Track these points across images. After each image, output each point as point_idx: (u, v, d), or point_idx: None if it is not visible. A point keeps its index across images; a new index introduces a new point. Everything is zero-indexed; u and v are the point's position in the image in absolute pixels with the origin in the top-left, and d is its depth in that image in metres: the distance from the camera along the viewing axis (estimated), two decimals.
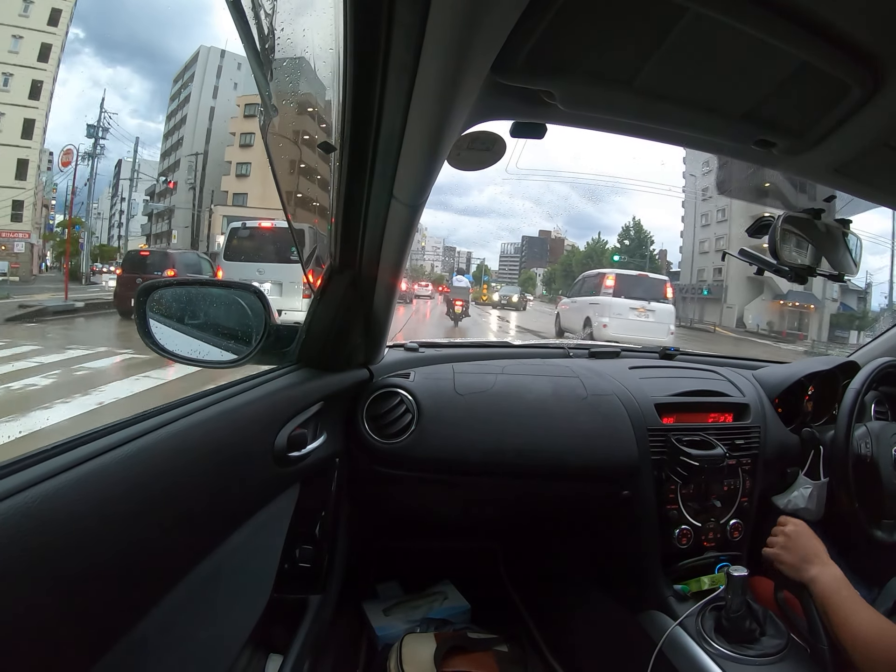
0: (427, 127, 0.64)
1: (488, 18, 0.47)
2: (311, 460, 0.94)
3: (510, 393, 1.26)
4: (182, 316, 0.93)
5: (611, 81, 0.65)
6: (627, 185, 57.72)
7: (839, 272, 1.02)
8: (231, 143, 34.86)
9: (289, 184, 0.95)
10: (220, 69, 40.24)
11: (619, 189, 55.87)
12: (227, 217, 26.18)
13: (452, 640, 1.34)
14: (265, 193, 28.73)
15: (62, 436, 0.53)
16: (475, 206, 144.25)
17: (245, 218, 18.54)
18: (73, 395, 4.90)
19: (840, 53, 0.57)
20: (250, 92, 31.32)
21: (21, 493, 0.42)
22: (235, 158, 34.13)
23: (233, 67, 38.33)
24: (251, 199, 31.54)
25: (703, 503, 1.24)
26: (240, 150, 34.08)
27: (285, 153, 0.86)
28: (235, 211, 28.94)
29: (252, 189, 32.10)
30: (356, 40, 0.52)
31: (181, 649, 0.62)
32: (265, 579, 0.86)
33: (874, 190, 0.94)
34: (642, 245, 37.32)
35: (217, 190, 34.71)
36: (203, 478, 0.66)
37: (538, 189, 48.71)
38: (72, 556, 0.46)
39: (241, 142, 34.11)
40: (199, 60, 40.83)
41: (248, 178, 33.14)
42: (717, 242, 29.93)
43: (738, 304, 29.32)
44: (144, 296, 0.86)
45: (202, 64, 40.53)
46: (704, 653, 1.02)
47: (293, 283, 7.56)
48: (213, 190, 35.13)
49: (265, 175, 28.01)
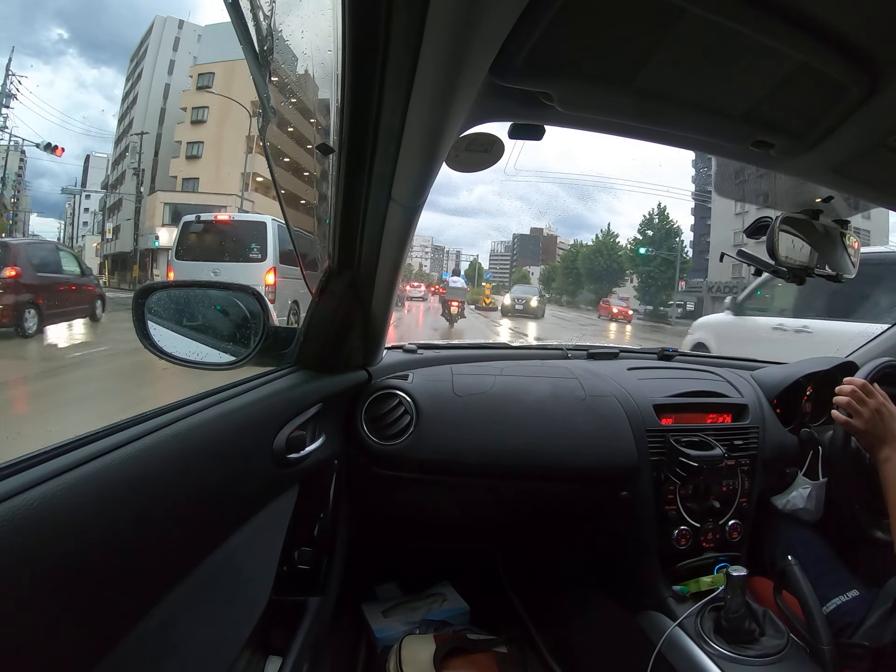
0: (425, 128, 0.64)
1: (486, 20, 0.47)
2: (310, 462, 0.94)
3: (509, 394, 1.26)
4: (180, 318, 0.93)
5: (609, 83, 0.65)
6: (617, 184, 57.30)
7: (837, 273, 1.03)
8: (182, 119, 29.35)
9: (287, 185, 0.95)
10: (177, 41, 33.93)
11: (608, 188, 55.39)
12: (170, 205, 24.56)
13: (452, 641, 1.33)
14: (218, 177, 25.93)
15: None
16: (464, 205, 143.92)
17: (192, 207, 16.54)
18: None
19: (838, 55, 0.57)
20: (205, 61, 28.62)
21: (20, 495, 0.42)
22: (186, 137, 28.67)
23: (192, 39, 32.71)
24: (203, 184, 27.08)
25: (702, 504, 1.24)
26: (191, 127, 28.66)
27: (284, 154, 0.86)
28: (182, 198, 25.22)
29: (204, 172, 27.40)
30: (355, 42, 0.52)
31: (180, 651, 0.62)
32: (264, 581, 0.86)
33: (872, 190, 0.95)
34: (669, 236, 31.98)
35: (165, 175, 29.46)
36: (202, 479, 0.66)
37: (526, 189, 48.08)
38: (71, 558, 0.45)
39: (192, 117, 28.68)
40: (154, 32, 34.41)
41: (199, 161, 28.07)
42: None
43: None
44: (143, 297, 0.86)
45: (157, 36, 34.18)
46: (704, 653, 1.02)
47: (254, 285, 7.18)
48: (157, 174, 30.08)
49: (219, 155, 26.68)
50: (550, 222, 70.18)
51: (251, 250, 7.51)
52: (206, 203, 21.20)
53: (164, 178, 29.25)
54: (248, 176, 25.31)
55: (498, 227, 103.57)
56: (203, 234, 8.11)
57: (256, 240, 7.54)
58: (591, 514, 1.39)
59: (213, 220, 8.19)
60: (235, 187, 24.42)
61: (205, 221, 8.13)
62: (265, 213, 8.82)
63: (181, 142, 28.91)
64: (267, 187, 25.89)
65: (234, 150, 25.72)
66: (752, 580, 1.13)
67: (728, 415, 1.34)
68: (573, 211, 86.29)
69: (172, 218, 22.35)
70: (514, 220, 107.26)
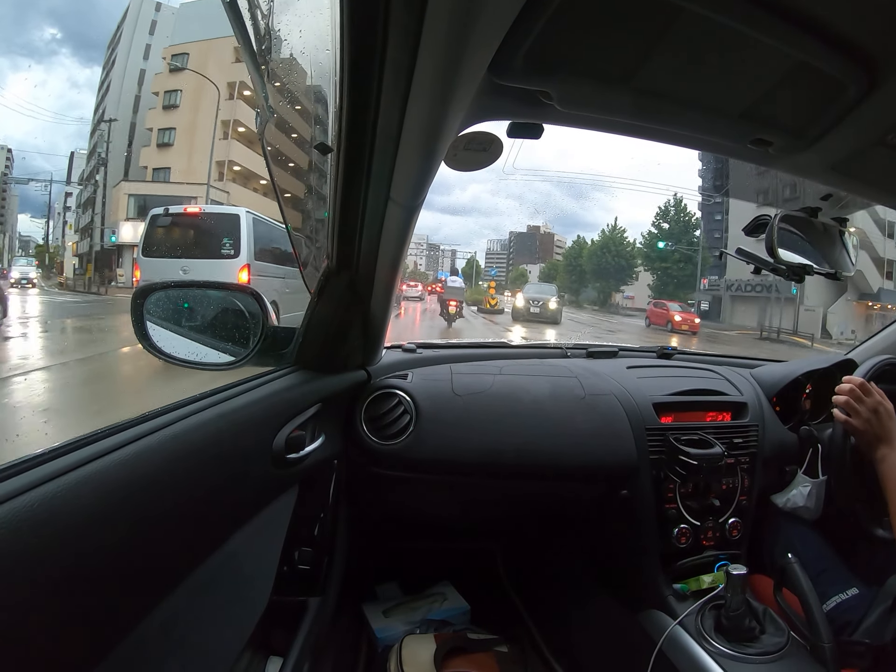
0: (424, 127, 0.64)
1: (485, 18, 0.47)
2: (310, 462, 0.94)
3: (508, 393, 1.25)
4: (179, 318, 0.93)
5: (608, 81, 0.65)
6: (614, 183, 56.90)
7: (836, 271, 1.03)
8: (154, 105, 26.69)
9: (285, 185, 0.95)
10: (153, 25, 30.96)
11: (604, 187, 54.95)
12: (135, 197, 22.54)
13: (452, 641, 1.34)
14: (191, 166, 23.51)
15: None
16: (458, 204, 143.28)
17: (160, 199, 15.01)
18: None
19: (836, 53, 0.57)
20: (181, 41, 26.47)
21: (20, 497, 0.42)
22: (158, 124, 26.11)
23: (169, 22, 29.38)
24: (175, 173, 24.73)
25: (702, 502, 1.24)
26: (163, 112, 26.06)
27: (282, 154, 0.86)
28: (149, 189, 23.15)
29: (176, 161, 24.82)
30: (353, 41, 0.52)
31: (181, 652, 0.62)
32: (264, 581, 0.86)
33: (871, 188, 0.95)
34: (688, 229, 29.43)
35: (136, 165, 26.88)
36: (201, 480, 0.66)
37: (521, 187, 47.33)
38: (71, 560, 0.45)
39: (164, 102, 26.05)
40: (129, 15, 31.52)
41: (171, 149, 25.48)
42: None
43: (818, 305, 21.88)
44: (142, 298, 0.86)
45: (132, 20, 31.24)
46: (704, 651, 1.02)
47: None
48: (123, 165, 27.11)
49: (192, 143, 24.24)
50: (546, 220, 69.75)
51: (223, 246, 6.89)
52: (177, 194, 19.82)
53: (135, 168, 26.78)
54: (224, 164, 23.92)
55: (492, 226, 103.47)
56: (172, 229, 7.45)
57: (229, 234, 6.91)
58: (590, 513, 1.39)
59: (182, 213, 7.43)
60: (205, 175, 22.37)
61: (173, 214, 7.40)
62: (242, 206, 8.24)
63: (152, 129, 26.47)
64: (246, 177, 24.57)
65: (209, 137, 23.43)
66: (753, 578, 1.13)
67: (727, 413, 1.34)
68: (568, 209, 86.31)
69: (139, 211, 21.06)
70: (508, 218, 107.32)
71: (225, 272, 6.35)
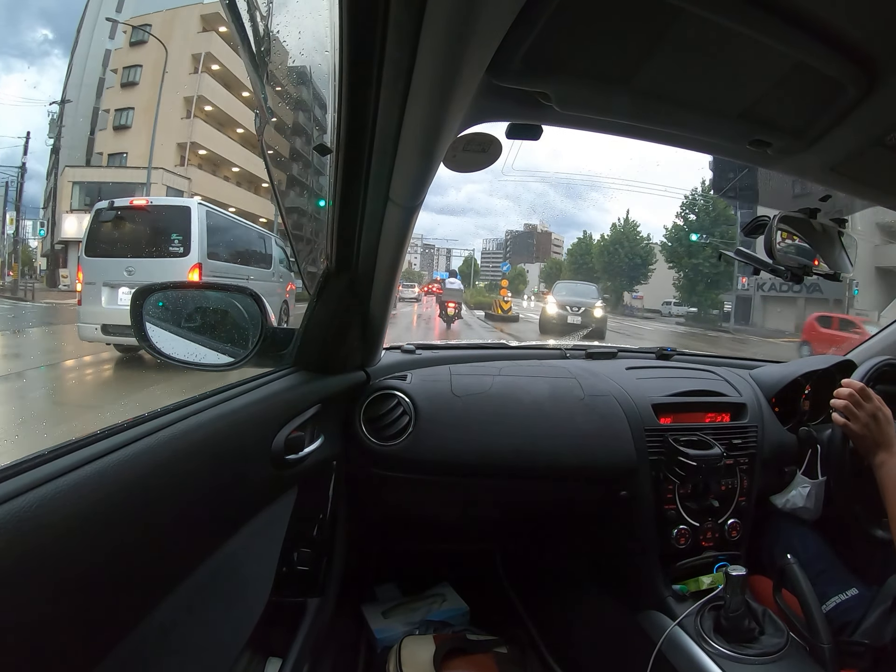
0: (423, 129, 0.64)
1: (484, 20, 0.47)
2: (309, 463, 0.94)
3: (507, 394, 1.25)
4: (179, 319, 0.93)
5: (606, 82, 0.65)
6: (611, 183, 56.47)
7: (835, 271, 1.03)
8: (112, 83, 22.72)
9: (284, 185, 0.95)
10: (121, 2, 24.93)
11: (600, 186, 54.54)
12: (80, 185, 19.45)
13: (452, 641, 1.33)
14: (148, 150, 19.62)
15: None
16: (453, 204, 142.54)
17: (113, 188, 14.05)
18: None
19: (835, 53, 0.57)
20: (143, 12, 22.42)
21: (19, 497, 0.42)
22: (115, 104, 22.14)
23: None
24: (133, 158, 20.82)
25: (701, 503, 1.24)
26: (121, 91, 22.17)
27: (281, 155, 0.86)
28: (100, 175, 19.84)
29: (134, 145, 20.68)
30: (352, 42, 0.52)
31: (180, 653, 0.62)
32: (263, 582, 0.86)
33: (870, 189, 0.95)
34: (718, 221, 24.75)
35: (92, 151, 22.88)
36: (201, 481, 0.66)
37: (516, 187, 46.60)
38: (70, 561, 0.45)
39: (123, 79, 22.21)
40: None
41: (129, 131, 21.54)
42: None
43: (870, 308, 16.73)
44: (141, 299, 0.86)
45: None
46: (704, 652, 1.02)
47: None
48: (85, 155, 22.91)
49: (152, 124, 20.32)
50: (541, 219, 69.45)
51: (172, 243, 6.08)
52: (130, 181, 17.62)
53: (94, 157, 22.96)
54: (186, 147, 21.05)
55: (487, 226, 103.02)
56: (117, 224, 6.44)
57: (178, 230, 6.06)
58: (590, 514, 1.39)
59: (128, 207, 6.49)
60: (170, 161, 20.16)
61: (119, 208, 6.41)
62: (209, 196, 7.67)
63: (109, 110, 22.42)
64: (215, 164, 22.26)
65: (171, 117, 20.77)
66: (752, 579, 1.13)
67: (727, 414, 1.34)
68: (563, 209, 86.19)
69: (86, 200, 17.94)
70: (503, 218, 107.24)
71: (173, 273, 5.56)
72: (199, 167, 21.58)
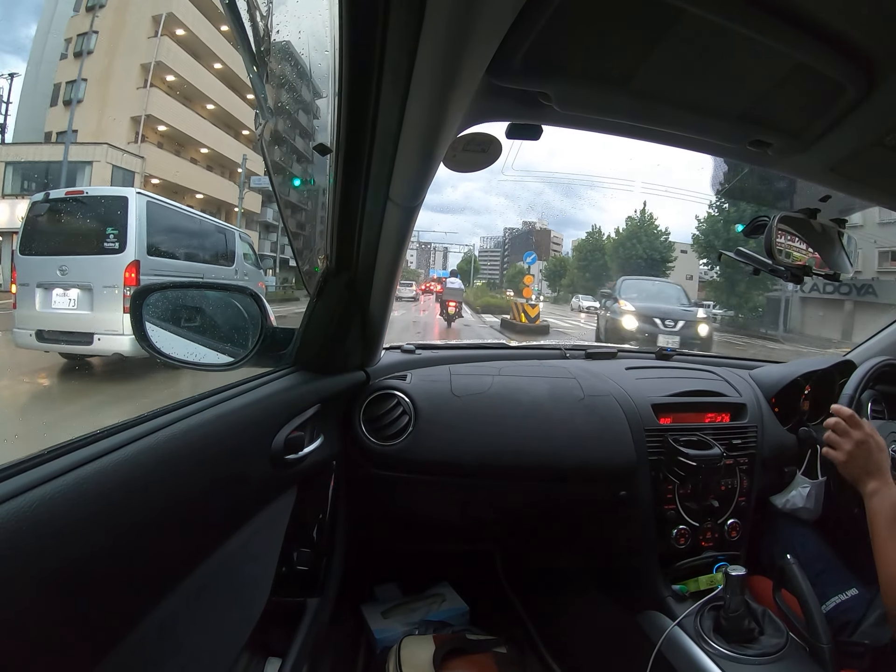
0: (423, 129, 0.64)
1: (484, 20, 0.47)
2: (309, 463, 0.94)
3: (507, 394, 1.25)
4: (178, 319, 0.93)
5: (606, 83, 0.65)
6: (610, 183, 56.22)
7: (835, 272, 1.03)
8: (65, 53, 19.37)
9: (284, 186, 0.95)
10: None
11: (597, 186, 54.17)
12: (14, 166, 15.54)
13: (451, 642, 1.33)
14: (101, 127, 17.12)
15: None
16: (450, 202, 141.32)
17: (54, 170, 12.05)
18: None
19: (835, 54, 0.57)
20: None
21: (18, 497, 0.42)
22: (66, 76, 18.94)
23: None
24: (84, 136, 17.48)
25: (701, 503, 1.24)
26: (74, 62, 18.82)
27: (281, 155, 0.86)
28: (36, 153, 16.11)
29: (85, 122, 17.90)
30: (352, 42, 0.52)
31: (179, 653, 0.62)
32: (263, 582, 0.86)
33: (870, 189, 0.95)
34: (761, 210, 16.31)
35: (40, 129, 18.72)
36: (200, 481, 0.66)
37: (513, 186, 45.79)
38: (69, 561, 0.45)
39: (77, 48, 18.98)
40: None
41: (80, 106, 18.33)
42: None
43: None
44: (140, 299, 0.86)
45: None
46: (703, 652, 1.02)
47: (110, 286, 4.77)
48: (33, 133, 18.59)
49: (105, 97, 18.08)
50: (540, 217, 69.10)
51: (107, 238, 5.38)
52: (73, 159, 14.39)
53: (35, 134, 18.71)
54: (140, 121, 17.85)
55: (484, 224, 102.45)
56: (52, 218, 5.75)
57: (114, 223, 5.37)
58: (589, 514, 1.39)
59: (64, 198, 5.80)
60: (122, 137, 16.89)
61: (54, 200, 5.75)
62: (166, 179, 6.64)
63: (60, 83, 19.00)
64: (179, 143, 18.87)
65: (126, 86, 17.82)
66: (752, 579, 1.14)
67: (726, 414, 1.34)
68: (561, 207, 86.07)
69: (23, 185, 15.28)
70: (500, 217, 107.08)
71: (105, 272, 4.90)
72: (160, 146, 18.52)
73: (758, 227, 0.99)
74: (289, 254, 22.06)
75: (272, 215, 21.55)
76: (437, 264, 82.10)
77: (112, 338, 4.45)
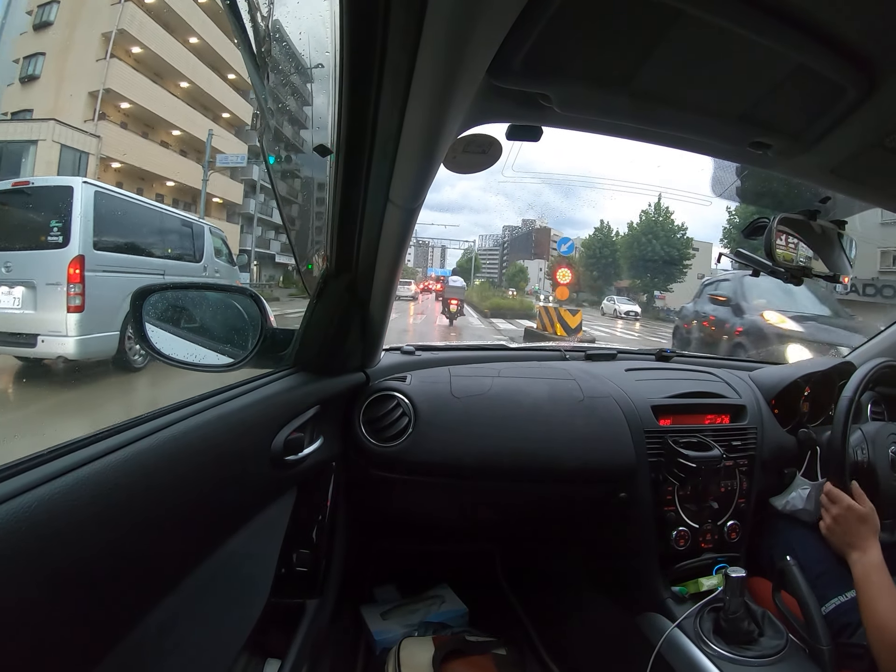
0: (423, 130, 0.64)
1: (484, 21, 0.47)
2: (308, 464, 0.94)
3: (507, 396, 1.25)
4: (178, 319, 0.93)
5: (607, 84, 0.65)
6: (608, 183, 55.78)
7: (834, 273, 1.03)
8: (24, 28, 16.82)
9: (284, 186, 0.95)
10: None
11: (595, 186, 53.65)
12: None
13: (450, 643, 1.33)
14: (59, 104, 15.09)
15: None
16: (447, 202, 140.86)
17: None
18: None
19: (835, 55, 0.57)
20: None
21: (18, 498, 0.42)
22: (24, 52, 16.56)
23: None
24: (39, 115, 15.08)
25: (701, 505, 1.24)
26: (34, 35, 16.51)
27: (281, 156, 0.86)
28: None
29: (41, 100, 15.59)
30: (352, 43, 0.52)
31: (178, 654, 0.62)
32: (262, 583, 0.85)
33: (870, 191, 0.95)
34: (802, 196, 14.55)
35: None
36: (200, 482, 0.66)
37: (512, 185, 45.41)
38: (69, 561, 0.45)
39: (36, 20, 16.56)
40: None
41: (37, 83, 15.96)
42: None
43: None
44: (140, 300, 0.86)
45: None
46: (703, 654, 1.02)
47: (54, 284, 4.43)
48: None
49: (63, 71, 15.64)
50: (539, 215, 68.89)
51: (50, 231, 4.94)
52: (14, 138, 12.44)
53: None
54: (98, 96, 15.69)
55: (481, 223, 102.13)
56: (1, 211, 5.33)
57: (58, 215, 4.93)
58: (589, 516, 1.39)
59: (9, 190, 5.32)
60: (78, 114, 14.91)
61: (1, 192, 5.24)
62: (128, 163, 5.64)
63: (18, 60, 16.50)
64: (147, 123, 16.79)
65: (85, 58, 15.60)
66: (751, 581, 1.14)
67: (726, 415, 1.34)
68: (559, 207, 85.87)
69: None
70: (499, 215, 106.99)
71: (49, 268, 4.53)
72: (123, 126, 16.27)
73: (757, 228, 0.99)
74: (274, 249, 21.70)
75: (255, 206, 20.21)
76: (435, 262, 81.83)
77: (56, 339, 4.17)
